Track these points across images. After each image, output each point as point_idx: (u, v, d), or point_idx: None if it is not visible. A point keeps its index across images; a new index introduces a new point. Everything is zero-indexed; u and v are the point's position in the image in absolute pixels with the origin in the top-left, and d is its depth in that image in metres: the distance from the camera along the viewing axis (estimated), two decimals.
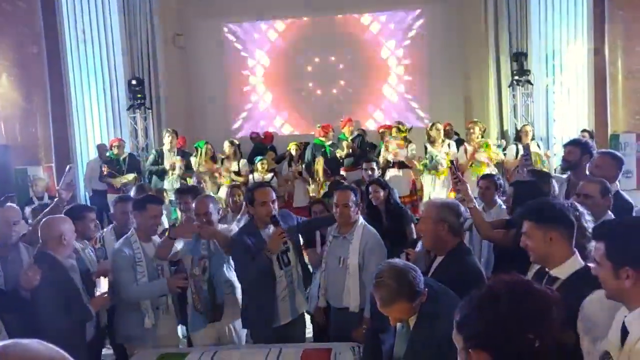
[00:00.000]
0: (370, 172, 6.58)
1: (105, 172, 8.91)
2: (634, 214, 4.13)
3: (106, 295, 3.80)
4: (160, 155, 9.31)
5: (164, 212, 5.57)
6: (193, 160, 8.88)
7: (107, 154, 9.40)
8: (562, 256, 2.53)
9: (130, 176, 8.93)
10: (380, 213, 5.31)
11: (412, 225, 5.34)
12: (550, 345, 1.46)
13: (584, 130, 8.79)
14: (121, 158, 9.24)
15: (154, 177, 9.24)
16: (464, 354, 1.52)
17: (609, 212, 3.69)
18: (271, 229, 3.93)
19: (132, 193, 5.78)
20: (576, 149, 4.73)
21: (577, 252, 2.54)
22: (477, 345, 1.48)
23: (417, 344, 2.67)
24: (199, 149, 8.85)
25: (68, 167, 4.73)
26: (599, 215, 3.36)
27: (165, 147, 9.30)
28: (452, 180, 4.30)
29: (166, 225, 5.53)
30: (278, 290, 3.99)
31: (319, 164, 8.75)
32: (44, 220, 3.83)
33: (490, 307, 1.47)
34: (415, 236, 5.03)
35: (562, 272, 2.49)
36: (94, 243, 4.47)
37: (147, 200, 4.33)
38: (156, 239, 4.35)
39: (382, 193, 5.34)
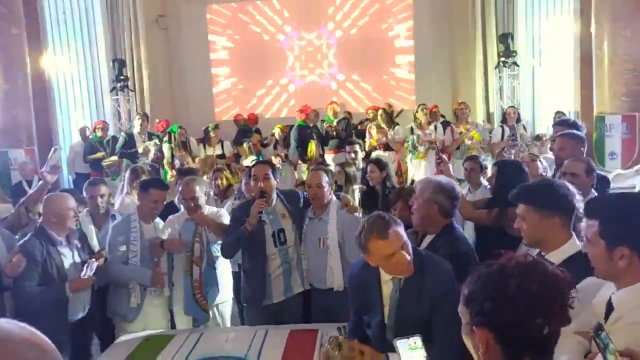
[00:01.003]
0: (353, 155, 6.53)
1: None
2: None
3: (87, 277, 3.76)
4: (130, 138, 9.22)
5: None
6: (165, 145, 8.68)
7: (90, 136, 9.30)
8: (558, 241, 2.45)
9: (115, 158, 8.84)
10: (377, 193, 5.28)
11: None
12: (558, 332, 1.38)
13: (558, 112, 8.75)
14: (104, 141, 9.18)
15: (125, 161, 9.00)
16: (468, 330, 1.46)
17: (593, 191, 3.69)
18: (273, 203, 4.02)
19: (126, 175, 5.70)
20: (565, 129, 4.71)
21: (574, 236, 2.44)
22: (481, 323, 1.41)
23: (405, 298, 2.68)
24: (172, 134, 8.71)
25: (53, 148, 4.60)
26: (584, 194, 3.35)
27: (135, 130, 9.24)
28: (436, 161, 4.35)
29: None
30: (271, 268, 3.99)
31: (312, 146, 8.68)
32: (46, 196, 3.94)
33: (499, 286, 1.39)
34: None
35: (556, 257, 2.40)
36: None
37: (151, 184, 4.34)
38: (159, 221, 4.34)
39: (378, 173, 5.31)
